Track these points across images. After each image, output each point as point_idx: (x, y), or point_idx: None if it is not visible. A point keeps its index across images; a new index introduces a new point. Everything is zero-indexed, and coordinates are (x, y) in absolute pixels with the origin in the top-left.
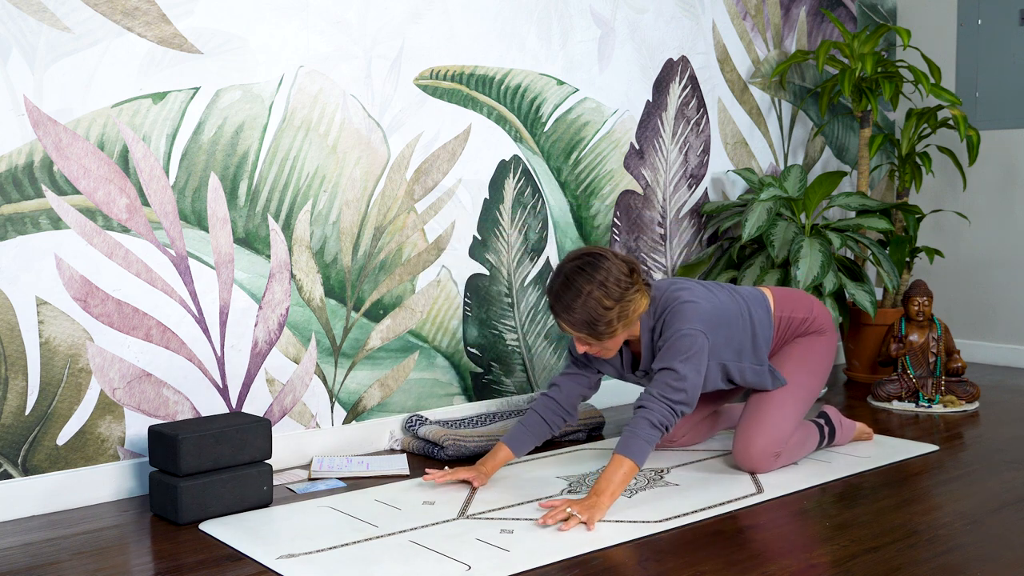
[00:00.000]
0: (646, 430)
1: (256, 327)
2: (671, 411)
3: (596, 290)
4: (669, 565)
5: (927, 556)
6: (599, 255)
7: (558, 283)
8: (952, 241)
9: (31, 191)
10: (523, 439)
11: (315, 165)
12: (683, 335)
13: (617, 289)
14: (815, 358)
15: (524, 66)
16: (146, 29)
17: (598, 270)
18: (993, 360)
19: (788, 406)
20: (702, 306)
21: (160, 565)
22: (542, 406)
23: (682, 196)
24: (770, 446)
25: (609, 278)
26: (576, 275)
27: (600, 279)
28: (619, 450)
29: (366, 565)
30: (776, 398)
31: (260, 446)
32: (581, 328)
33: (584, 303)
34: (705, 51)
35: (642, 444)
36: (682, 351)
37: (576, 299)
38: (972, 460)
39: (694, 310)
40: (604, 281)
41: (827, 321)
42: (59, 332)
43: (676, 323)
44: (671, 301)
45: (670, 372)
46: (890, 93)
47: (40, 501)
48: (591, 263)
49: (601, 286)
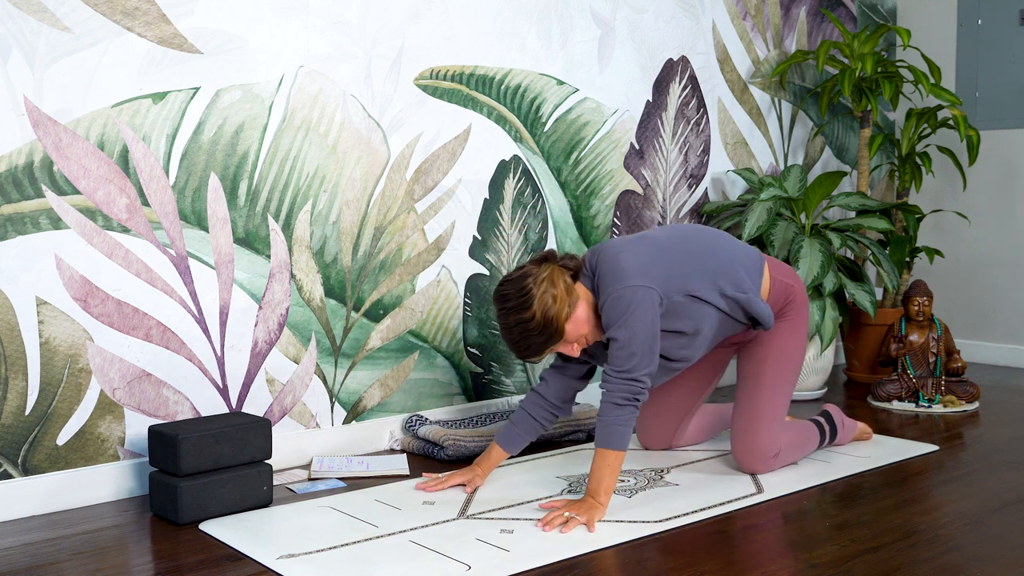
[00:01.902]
0: (614, 413)
1: (256, 327)
2: (630, 381)
3: (508, 317)
4: (669, 565)
5: (927, 556)
6: (499, 289)
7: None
8: (952, 241)
9: (31, 191)
10: (514, 437)
11: (315, 165)
12: (613, 300)
13: (522, 298)
14: (792, 351)
15: (524, 66)
16: (146, 29)
17: (500, 299)
18: (993, 360)
19: (777, 404)
20: (625, 257)
21: (160, 565)
22: (530, 403)
23: (682, 196)
24: (768, 447)
25: (509, 296)
26: (499, 318)
27: (509, 307)
28: (598, 443)
29: (366, 565)
30: (763, 398)
31: (260, 446)
32: (542, 350)
33: (516, 335)
34: (705, 51)
35: (616, 429)
36: (616, 317)
37: (512, 337)
38: (972, 460)
39: (616, 266)
40: (507, 307)
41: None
42: (59, 332)
43: (605, 290)
44: (600, 265)
45: (613, 343)
46: (890, 93)
47: (40, 501)
48: (497, 301)
49: (511, 311)
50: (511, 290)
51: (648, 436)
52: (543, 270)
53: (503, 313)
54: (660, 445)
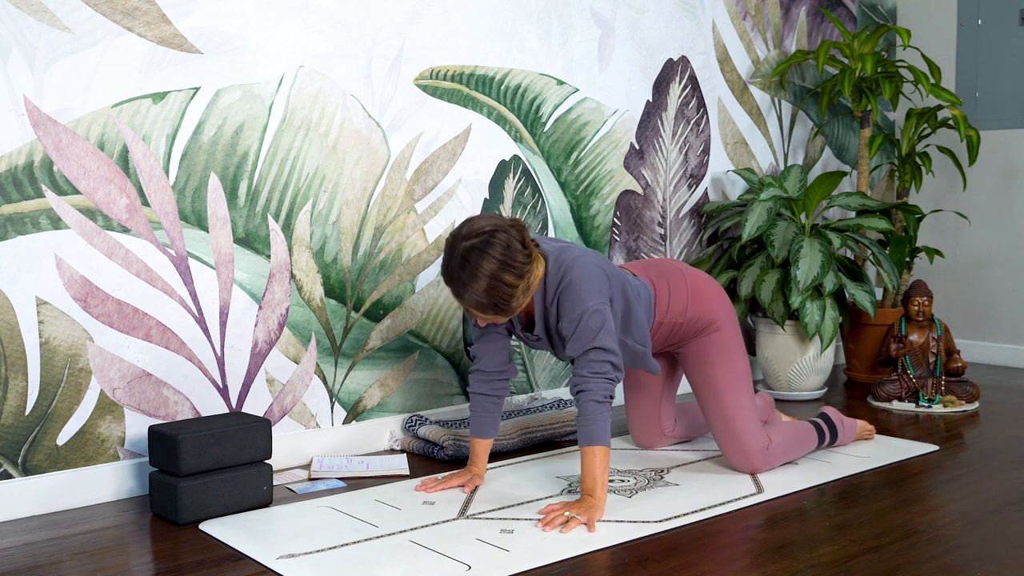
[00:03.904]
0: (595, 411)
1: (256, 327)
2: (607, 381)
3: (500, 271)
4: (669, 565)
5: (927, 556)
6: (493, 230)
7: (455, 263)
8: (952, 241)
9: (31, 191)
10: (485, 422)
11: (315, 165)
12: (589, 314)
13: (520, 265)
14: (734, 348)
15: (524, 66)
16: (146, 29)
17: (496, 247)
18: (993, 360)
19: (742, 400)
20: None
21: (160, 565)
22: (477, 383)
23: (682, 196)
24: (753, 442)
25: (509, 255)
26: (475, 255)
27: (501, 258)
28: (583, 443)
29: (366, 565)
30: (726, 401)
31: (260, 446)
32: (488, 310)
33: (490, 287)
34: (705, 51)
35: (599, 425)
36: (593, 330)
37: (480, 283)
38: (972, 460)
39: (589, 285)
40: (506, 260)
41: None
42: (59, 332)
43: (576, 303)
44: (566, 273)
45: (594, 351)
46: (890, 93)
47: (40, 501)
48: (488, 241)
49: (505, 266)
50: (513, 251)
51: (638, 432)
52: (536, 255)
53: (492, 262)
54: (652, 438)
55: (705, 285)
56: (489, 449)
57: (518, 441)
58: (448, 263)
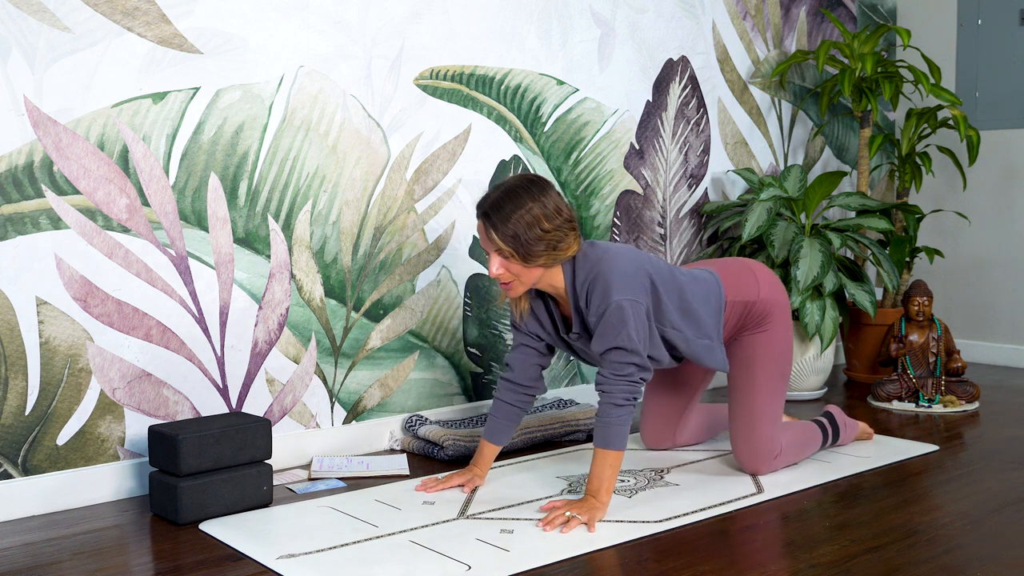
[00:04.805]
0: (614, 414)
1: (256, 327)
2: (630, 384)
3: (538, 208)
4: (669, 565)
5: (927, 556)
6: (547, 183)
7: (497, 193)
8: (952, 241)
9: (31, 191)
10: (499, 429)
11: (315, 165)
12: (615, 307)
13: (558, 217)
14: (780, 351)
15: (524, 66)
16: (146, 29)
17: (544, 192)
18: (993, 360)
19: (773, 404)
20: (626, 271)
21: (160, 565)
22: (504, 391)
23: (682, 196)
24: (769, 448)
25: (550, 203)
26: (520, 190)
27: (543, 200)
28: (597, 444)
29: (366, 565)
30: (758, 401)
31: (260, 446)
32: (508, 241)
33: (522, 216)
34: (705, 51)
35: (616, 429)
36: (618, 325)
37: (516, 211)
38: (972, 460)
39: (619, 278)
40: (546, 204)
41: (774, 296)
42: (59, 332)
43: (604, 296)
44: (596, 263)
45: (616, 351)
46: (890, 93)
47: (40, 501)
48: (538, 185)
49: (544, 207)
50: (555, 204)
51: (650, 436)
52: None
53: (534, 199)
54: (662, 444)
55: (769, 274)
56: (496, 454)
57: (518, 441)
58: (489, 193)
